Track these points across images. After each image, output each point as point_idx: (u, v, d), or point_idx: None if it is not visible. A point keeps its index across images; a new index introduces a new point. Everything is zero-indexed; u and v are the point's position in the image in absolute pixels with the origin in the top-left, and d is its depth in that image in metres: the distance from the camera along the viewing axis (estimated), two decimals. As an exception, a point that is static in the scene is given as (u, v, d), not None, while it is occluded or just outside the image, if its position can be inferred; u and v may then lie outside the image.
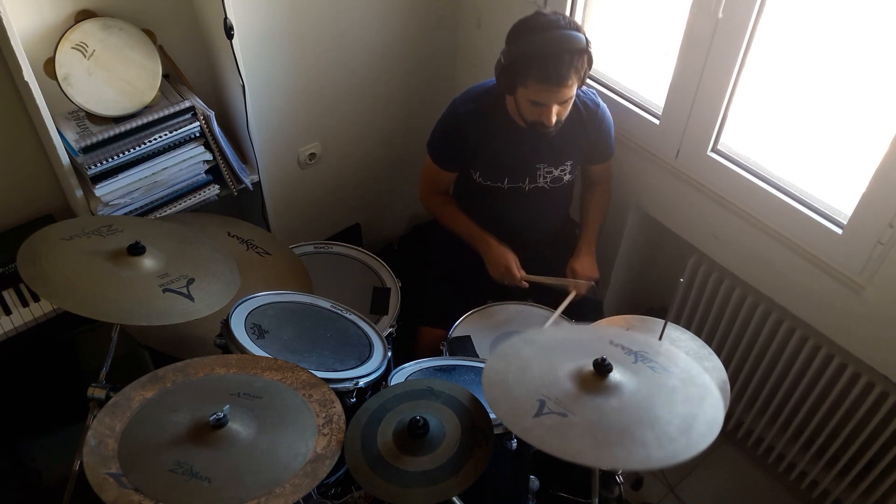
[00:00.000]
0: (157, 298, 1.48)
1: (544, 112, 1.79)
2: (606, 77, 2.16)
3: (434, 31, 2.47)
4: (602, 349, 1.40)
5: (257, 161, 2.11)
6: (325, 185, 2.54)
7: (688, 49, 1.83)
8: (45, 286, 1.42)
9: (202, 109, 1.91)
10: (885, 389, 1.82)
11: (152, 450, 1.26)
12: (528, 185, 2.03)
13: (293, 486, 1.24)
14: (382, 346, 1.77)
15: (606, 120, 2.01)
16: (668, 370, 1.35)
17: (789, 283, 1.87)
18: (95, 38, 1.77)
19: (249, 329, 1.62)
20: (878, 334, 1.73)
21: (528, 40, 1.73)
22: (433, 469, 1.30)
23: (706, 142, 1.90)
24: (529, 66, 1.73)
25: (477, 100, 1.97)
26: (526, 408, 1.26)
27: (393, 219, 2.90)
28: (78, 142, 1.78)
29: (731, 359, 2.21)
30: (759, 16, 1.66)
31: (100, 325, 1.92)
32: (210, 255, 1.66)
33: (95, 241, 1.56)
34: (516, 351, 1.41)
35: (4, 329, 1.83)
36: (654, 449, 1.19)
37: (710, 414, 1.26)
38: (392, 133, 2.61)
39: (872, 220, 1.62)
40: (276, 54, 2.12)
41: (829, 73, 1.70)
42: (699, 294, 2.21)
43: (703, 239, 2.07)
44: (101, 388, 1.51)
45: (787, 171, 1.82)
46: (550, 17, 1.75)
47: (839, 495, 2.12)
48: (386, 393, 1.47)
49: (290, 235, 2.38)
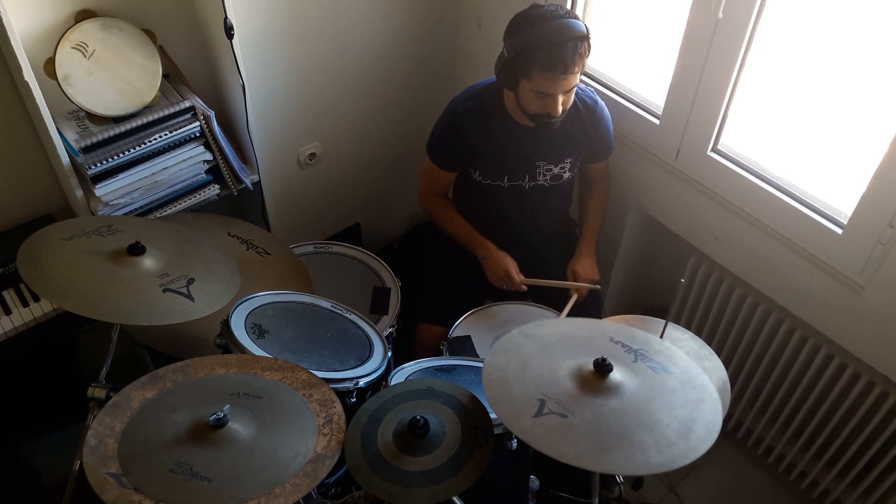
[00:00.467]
0: (157, 298, 1.48)
1: (549, 103, 1.79)
2: (606, 77, 2.16)
3: (434, 31, 2.47)
4: (602, 346, 1.40)
5: (257, 161, 2.10)
6: (325, 185, 2.54)
7: (688, 49, 1.83)
8: (45, 286, 1.42)
9: (202, 109, 1.91)
10: (885, 389, 1.82)
11: (152, 450, 1.26)
12: (527, 184, 2.03)
13: (293, 486, 1.24)
14: (382, 346, 1.77)
15: (605, 117, 2.01)
16: (667, 370, 1.35)
17: (789, 283, 1.87)
18: (95, 38, 1.77)
19: (249, 329, 1.62)
20: (878, 334, 1.73)
21: (529, 31, 1.73)
22: (433, 469, 1.30)
23: (706, 142, 1.90)
24: (534, 57, 1.73)
25: (475, 97, 1.97)
26: (526, 407, 1.26)
27: (393, 219, 2.90)
28: (78, 142, 1.78)
29: (731, 359, 2.21)
30: (759, 16, 1.66)
31: (100, 325, 1.91)
32: (210, 255, 1.66)
33: (95, 241, 1.56)
34: (516, 346, 1.40)
35: (4, 329, 1.83)
36: (652, 453, 1.19)
37: (709, 417, 1.26)
38: (392, 133, 2.61)
39: (872, 220, 1.62)
40: (276, 54, 2.12)
41: (830, 73, 1.70)
42: (699, 294, 2.21)
43: (703, 239, 2.07)
44: (101, 388, 1.51)
45: (787, 171, 1.82)
46: (549, 7, 1.76)
47: (839, 495, 2.12)
48: (386, 393, 1.47)
49: (290, 235, 2.38)
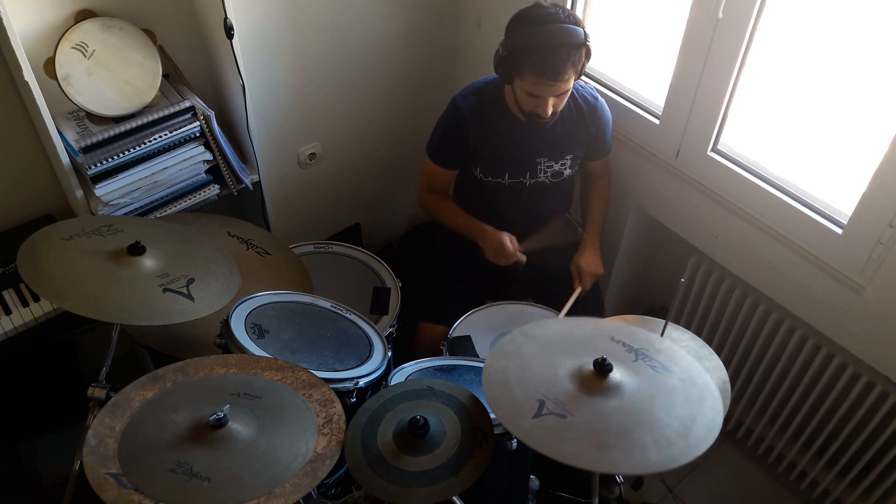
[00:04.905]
0: (157, 298, 1.48)
1: (540, 104, 1.80)
2: (606, 77, 2.16)
3: (434, 30, 2.47)
4: (603, 345, 1.40)
5: (257, 161, 2.10)
6: (325, 185, 2.54)
7: (688, 49, 1.83)
8: (45, 286, 1.42)
9: (202, 109, 1.91)
10: (885, 389, 1.82)
11: (152, 450, 1.26)
12: (528, 181, 2.03)
13: (293, 486, 1.24)
14: (382, 345, 1.77)
15: (605, 115, 2.02)
16: (668, 369, 1.35)
17: (789, 283, 1.87)
18: (95, 37, 1.77)
19: (249, 329, 1.62)
20: (878, 334, 1.73)
21: (525, 32, 1.74)
22: (433, 469, 1.30)
23: (706, 142, 1.90)
24: (526, 59, 1.73)
25: (476, 93, 1.97)
26: (525, 408, 1.26)
27: (393, 219, 2.90)
28: (78, 142, 1.78)
29: (731, 359, 2.21)
30: (759, 16, 1.66)
31: (100, 325, 1.92)
32: (210, 255, 1.66)
33: (95, 241, 1.56)
34: (517, 346, 1.40)
35: (4, 329, 1.83)
36: (652, 452, 1.19)
37: (709, 416, 1.26)
38: (392, 133, 2.61)
39: (872, 220, 1.62)
40: (276, 54, 2.12)
41: (830, 73, 1.70)
42: (699, 294, 2.21)
43: (703, 239, 2.07)
44: (101, 388, 1.51)
45: (787, 171, 1.82)
46: (550, 9, 1.76)
47: (839, 495, 2.12)
48: (386, 393, 1.47)
49: (290, 235, 2.38)
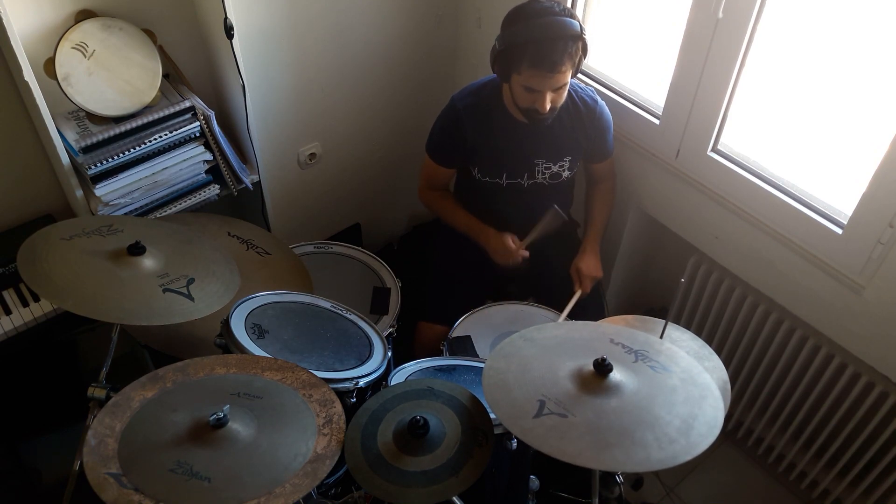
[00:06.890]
0: (157, 298, 1.48)
1: (538, 99, 1.80)
2: (606, 77, 2.16)
3: (434, 30, 2.47)
4: (603, 348, 1.40)
5: (257, 161, 2.10)
6: (325, 185, 2.54)
7: (688, 49, 1.83)
8: (45, 286, 1.42)
9: (202, 109, 1.91)
10: (885, 389, 1.82)
11: (152, 450, 1.26)
12: (526, 182, 2.03)
13: (293, 486, 1.24)
14: (382, 346, 1.77)
15: (605, 117, 2.01)
16: (668, 369, 1.35)
17: (789, 283, 1.87)
18: (95, 38, 1.77)
19: (249, 329, 1.62)
20: (878, 334, 1.73)
21: (521, 26, 1.74)
22: (433, 469, 1.30)
23: (706, 142, 1.90)
24: (523, 52, 1.74)
25: (475, 94, 1.98)
26: (526, 408, 1.26)
27: (393, 219, 2.90)
28: (78, 142, 1.78)
29: (731, 359, 2.21)
30: (759, 16, 1.66)
31: (100, 325, 1.92)
32: (210, 255, 1.66)
33: (95, 241, 1.56)
34: (517, 349, 1.40)
35: (4, 329, 1.83)
36: (653, 450, 1.19)
37: (710, 414, 1.26)
38: (392, 133, 2.61)
39: (872, 220, 1.62)
40: (276, 54, 2.12)
41: (830, 73, 1.70)
42: (699, 294, 2.21)
43: (704, 239, 2.07)
44: (101, 388, 1.51)
45: (787, 171, 1.82)
46: (545, 3, 1.77)
47: (839, 495, 2.12)
48: (386, 393, 1.47)
49: (290, 235, 2.38)
